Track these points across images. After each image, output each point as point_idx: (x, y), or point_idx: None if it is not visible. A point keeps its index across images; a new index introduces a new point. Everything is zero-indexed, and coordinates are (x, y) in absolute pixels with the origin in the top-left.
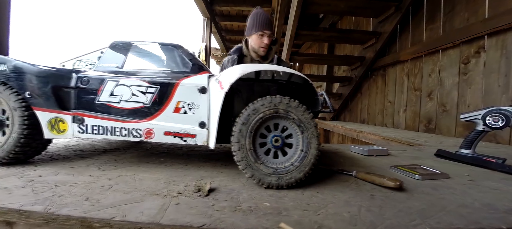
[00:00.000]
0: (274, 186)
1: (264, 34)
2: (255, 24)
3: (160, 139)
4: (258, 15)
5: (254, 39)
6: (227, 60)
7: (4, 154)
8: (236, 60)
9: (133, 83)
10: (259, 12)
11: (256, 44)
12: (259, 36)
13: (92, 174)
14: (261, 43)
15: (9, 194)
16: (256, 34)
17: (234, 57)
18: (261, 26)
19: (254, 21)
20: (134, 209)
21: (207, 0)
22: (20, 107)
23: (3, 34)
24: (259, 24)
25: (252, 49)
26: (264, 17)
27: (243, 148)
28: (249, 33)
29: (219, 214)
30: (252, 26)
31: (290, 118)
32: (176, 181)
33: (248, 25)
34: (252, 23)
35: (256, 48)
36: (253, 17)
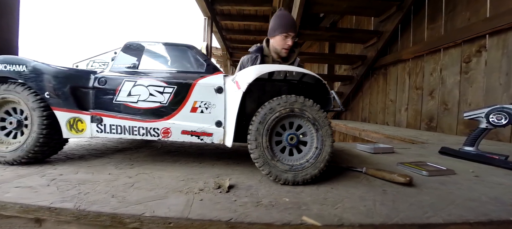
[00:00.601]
0: (290, 182)
1: (289, 35)
2: (280, 26)
3: (177, 137)
4: (283, 17)
5: (277, 40)
6: (247, 59)
7: (23, 153)
8: (258, 59)
9: (151, 83)
10: (284, 13)
11: (279, 45)
12: (283, 37)
13: (111, 173)
14: (284, 45)
15: (36, 192)
16: (280, 36)
17: (257, 56)
18: (286, 28)
19: (279, 22)
20: (161, 206)
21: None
22: (38, 108)
23: (13, 34)
24: (284, 25)
25: (273, 50)
26: (290, 19)
27: (260, 145)
28: (272, 34)
29: (243, 209)
30: (276, 27)
31: (305, 117)
32: (194, 178)
33: (271, 26)
34: (276, 24)
35: (279, 50)
36: (277, 18)
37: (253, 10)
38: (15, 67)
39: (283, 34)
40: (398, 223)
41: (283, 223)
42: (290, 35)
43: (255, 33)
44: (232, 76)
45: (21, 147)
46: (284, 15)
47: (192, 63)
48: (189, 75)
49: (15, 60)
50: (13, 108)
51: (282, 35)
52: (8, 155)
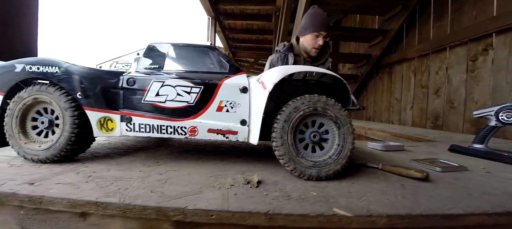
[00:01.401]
0: (314, 177)
1: (320, 35)
2: (311, 24)
3: (203, 136)
4: (315, 15)
5: (308, 39)
6: (276, 58)
7: (56, 151)
8: (289, 59)
9: (178, 83)
10: (317, 11)
11: (309, 44)
12: (314, 37)
13: (141, 170)
14: (315, 44)
15: (78, 188)
16: (311, 35)
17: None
18: (318, 27)
19: (311, 20)
20: (200, 200)
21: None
22: (70, 108)
23: (32, 36)
24: (316, 24)
25: (303, 49)
26: (322, 18)
27: (286, 143)
28: (303, 33)
29: (276, 202)
30: (308, 25)
31: (328, 115)
32: (222, 175)
33: (303, 24)
34: (308, 23)
35: (309, 49)
36: (309, 16)
37: (256, 9)
38: (48, 69)
39: (314, 33)
40: (422, 214)
41: (317, 214)
42: (322, 34)
43: (257, 33)
44: (256, 77)
45: (53, 145)
46: (316, 13)
47: (215, 64)
48: (214, 76)
49: (48, 62)
50: (44, 108)
51: (313, 35)
52: (41, 153)
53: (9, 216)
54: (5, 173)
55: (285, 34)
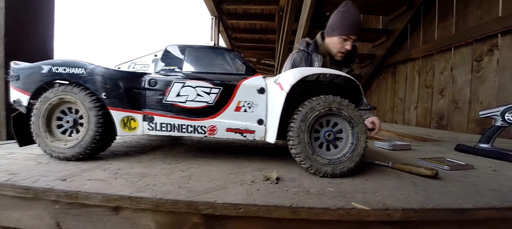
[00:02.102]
0: (329, 174)
1: (349, 39)
2: (341, 26)
3: (222, 134)
4: (347, 15)
5: (334, 41)
6: (299, 58)
7: (81, 149)
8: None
9: (198, 84)
10: (350, 10)
11: (335, 47)
12: (342, 40)
13: (163, 167)
14: (341, 48)
15: (109, 184)
16: (338, 37)
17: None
18: (349, 30)
19: (341, 20)
20: (226, 194)
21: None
22: (94, 107)
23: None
24: (346, 26)
25: (328, 50)
26: (355, 19)
27: (303, 141)
28: (330, 33)
29: (297, 197)
30: (337, 26)
31: (342, 115)
32: (240, 172)
33: (331, 23)
34: (337, 23)
35: (334, 52)
36: (340, 15)
37: (259, 9)
38: (74, 70)
39: (343, 37)
40: (434, 208)
41: (337, 207)
42: (351, 38)
43: (260, 32)
44: (273, 78)
45: (79, 143)
46: (348, 12)
47: (232, 66)
48: (232, 77)
49: (74, 64)
50: (69, 108)
51: (341, 38)
52: (67, 151)
53: (44, 210)
54: (35, 170)
55: (289, 34)
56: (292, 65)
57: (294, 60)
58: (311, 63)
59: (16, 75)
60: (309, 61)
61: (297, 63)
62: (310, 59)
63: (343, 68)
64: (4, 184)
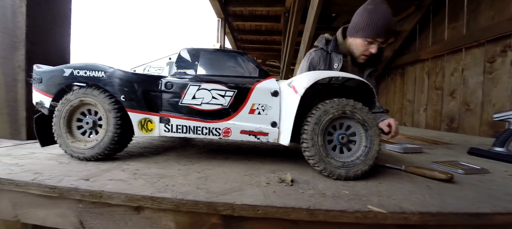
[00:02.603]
0: (343, 177)
1: (375, 42)
2: (368, 27)
3: (236, 136)
4: (375, 15)
5: (358, 43)
6: (318, 58)
7: (101, 150)
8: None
9: (213, 87)
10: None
11: (357, 50)
12: (367, 43)
13: (179, 168)
14: (365, 51)
15: (130, 184)
16: (362, 40)
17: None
18: (375, 32)
19: (369, 21)
20: (244, 196)
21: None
22: (113, 109)
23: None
24: (373, 28)
25: (349, 51)
26: (384, 20)
27: (316, 144)
28: (353, 33)
29: (313, 199)
30: (362, 26)
31: (355, 118)
32: (254, 173)
33: (355, 22)
34: (363, 23)
35: (356, 54)
36: (367, 14)
37: (265, 10)
38: (94, 73)
39: (368, 40)
40: (452, 212)
41: (354, 210)
42: (377, 41)
43: (265, 34)
44: (287, 81)
45: (98, 144)
46: (377, 12)
47: (245, 69)
48: (246, 80)
49: (94, 67)
50: (88, 110)
51: (366, 40)
52: (86, 152)
53: (68, 209)
54: (58, 169)
55: (295, 35)
56: (309, 66)
57: (311, 60)
58: (330, 64)
59: (39, 78)
60: (328, 61)
61: (315, 64)
62: (329, 59)
63: (367, 69)
64: (31, 183)
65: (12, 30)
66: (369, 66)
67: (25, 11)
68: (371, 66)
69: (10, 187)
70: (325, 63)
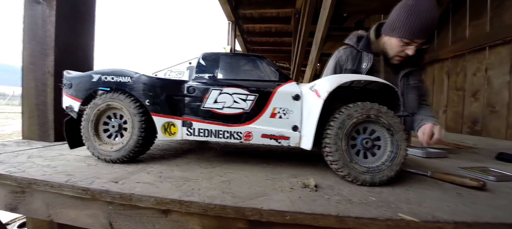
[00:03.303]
0: (367, 183)
1: (413, 43)
2: (405, 26)
3: (257, 140)
4: (415, 13)
5: (393, 43)
6: (346, 56)
7: (126, 153)
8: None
9: (235, 91)
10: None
11: (392, 50)
12: (403, 43)
13: (202, 172)
14: (401, 52)
15: (157, 187)
16: (398, 40)
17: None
18: (414, 33)
19: (406, 20)
20: (270, 201)
21: (232, 4)
22: (138, 113)
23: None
24: (412, 28)
25: (383, 50)
26: (426, 20)
27: (340, 149)
28: (389, 32)
29: (341, 206)
30: (399, 25)
31: (380, 122)
32: (276, 178)
33: (392, 19)
34: (401, 22)
35: (390, 55)
36: (406, 12)
37: (275, 12)
38: (121, 79)
39: (405, 40)
40: (489, 222)
41: (385, 218)
42: (416, 43)
43: (275, 35)
44: (308, 85)
45: (124, 147)
46: (418, 10)
47: (265, 72)
48: (267, 84)
49: (121, 73)
50: (114, 113)
51: (402, 41)
52: (113, 154)
53: (98, 210)
54: (87, 171)
55: (307, 36)
56: (335, 65)
57: (339, 58)
58: (359, 63)
59: (69, 83)
60: (357, 60)
61: (342, 62)
62: (359, 57)
63: (403, 69)
64: (65, 185)
65: (42, 38)
66: (406, 66)
67: (55, 20)
68: (408, 66)
69: (45, 188)
70: (353, 62)
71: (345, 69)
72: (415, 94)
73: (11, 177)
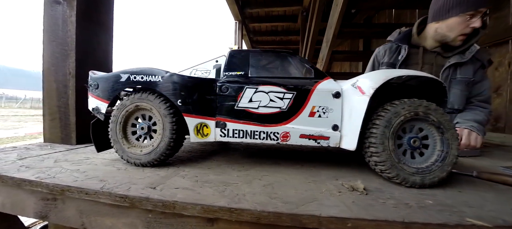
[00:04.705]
0: (417, 184)
1: (477, 13)
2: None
3: (295, 141)
4: None
5: (453, 24)
6: (384, 51)
7: (157, 156)
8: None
9: (271, 89)
10: None
11: (454, 31)
12: (466, 18)
13: (238, 175)
14: (466, 29)
15: (198, 193)
16: (459, 17)
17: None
18: (476, 2)
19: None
20: (324, 207)
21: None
22: (169, 114)
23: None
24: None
25: (436, 38)
26: None
27: (387, 149)
28: (443, 15)
29: (401, 211)
30: (455, 3)
31: (429, 120)
32: (317, 180)
33: (442, 3)
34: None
35: (451, 37)
36: None
37: (282, 10)
38: (151, 78)
39: (469, 13)
40: None
41: (455, 223)
42: (480, 12)
43: (281, 34)
44: (350, 81)
45: (154, 150)
46: None
47: (299, 69)
48: (305, 81)
49: (151, 72)
50: (142, 115)
51: (465, 16)
52: (143, 158)
53: (137, 218)
54: (120, 176)
55: (316, 34)
56: (373, 61)
57: (377, 54)
58: (397, 56)
59: (95, 84)
60: (396, 54)
61: (380, 57)
62: (398, 51)
63: (453, 56)
64: (101, 192)
65: (63, 39)
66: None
67: (75, 20)
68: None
69: (79, 196)
70: (391, 56)
71: (382, 63)
72: (461, 89)
73: (42, 184)
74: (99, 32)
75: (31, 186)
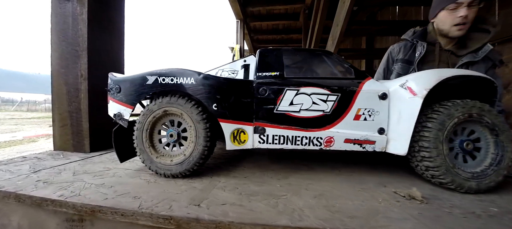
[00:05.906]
0: (473, 190)
1: (459, 4)
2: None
3: (339, 146)
4: None
5: (442, 18)
6: (399, 48)
7: (190, 166)
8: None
9: (314, 91)
10: None
11: (446, 24)
12: (450, 11)
13: (280, 185)
14: (454, 19)
15: (250, 210)
16: (444, 11)
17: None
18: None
19: None
20: (393, 221)
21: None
22: (202, 120)
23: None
24: None
25: (440, 33)
26: None
27: (441, 154)
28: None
29: (476, 223)
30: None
31: (483, 122)
32: (365, 188)
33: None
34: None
35: (447, 29)
36: None
37: (283, 9)
38: (183, 80)
39: (450, 6)
40: None
41: None
42: (461, 3)
43: (282, 33)
44: (396, 81)
45: (187, 159)
46: None
47: (338, 69)
48: (347, 82)
49: (183, 73)
50: (171, 121)
51: (447, 9)
52: (173, 168)
53: None
54: (153, 191)
55: (321, 32)
56: (387, 58)
57: (391, 51)
58: (412, 53)
59: (116, 87)
60: (411, 51)
61: (394, 54)
62: (413, 48)
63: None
64: (140, 213)
65: (74, 38)
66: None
67: (87, 18)
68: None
69: (113, 217)
70: (405, 53)
71: (396, 59)
72: None
73: (67, 203)
74: (112, 31)
75: (53, 206)
